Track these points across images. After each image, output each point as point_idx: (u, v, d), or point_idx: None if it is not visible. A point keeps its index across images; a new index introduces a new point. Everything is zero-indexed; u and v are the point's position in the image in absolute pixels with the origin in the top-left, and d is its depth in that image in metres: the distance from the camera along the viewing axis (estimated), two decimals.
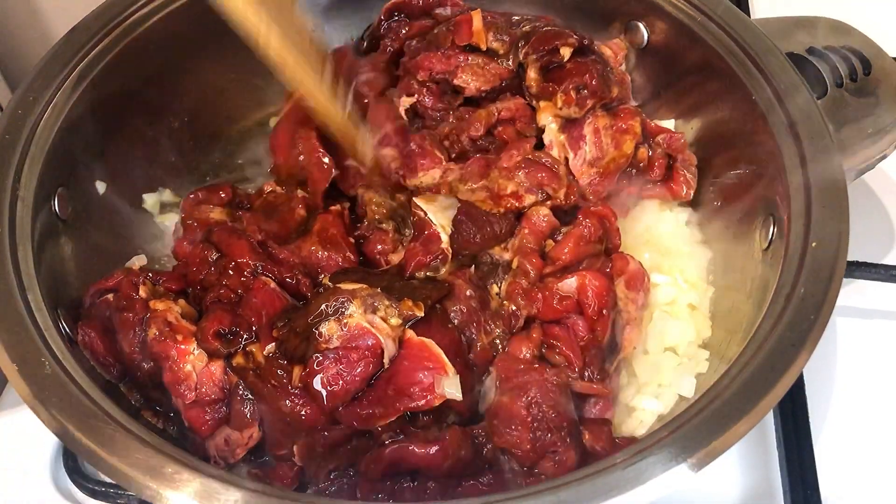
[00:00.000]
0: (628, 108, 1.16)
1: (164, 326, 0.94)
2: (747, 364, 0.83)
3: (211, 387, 0.92)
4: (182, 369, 0.92)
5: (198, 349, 0.93)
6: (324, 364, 0.89)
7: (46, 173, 1.01)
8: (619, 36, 1.27)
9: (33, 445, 1.07)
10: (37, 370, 0.84)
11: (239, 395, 0.93)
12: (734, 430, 0.78)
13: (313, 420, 0.92)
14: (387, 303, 0.93)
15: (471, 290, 1.01)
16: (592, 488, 0.75)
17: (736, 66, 1.08)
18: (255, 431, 0.93)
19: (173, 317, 0.95)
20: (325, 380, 0.89)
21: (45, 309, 0.90)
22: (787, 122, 1.01)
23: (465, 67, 1.17)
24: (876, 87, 1.12)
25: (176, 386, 0.92)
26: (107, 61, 1.11)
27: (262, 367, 0.94)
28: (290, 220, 1.10)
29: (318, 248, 1.05)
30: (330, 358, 0.90)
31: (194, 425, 0.93)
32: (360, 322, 0.91)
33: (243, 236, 1.04)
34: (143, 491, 0.75)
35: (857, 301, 1.20)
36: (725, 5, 1.13)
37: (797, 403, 1.06)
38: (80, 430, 0.79)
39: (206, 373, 0.92)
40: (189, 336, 0.94)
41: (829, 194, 0.94)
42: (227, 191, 1.16)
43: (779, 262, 0.93)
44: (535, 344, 0.98)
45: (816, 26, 1.19)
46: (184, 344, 0.93)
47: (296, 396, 0.92)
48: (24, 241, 0.95)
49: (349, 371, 0.89)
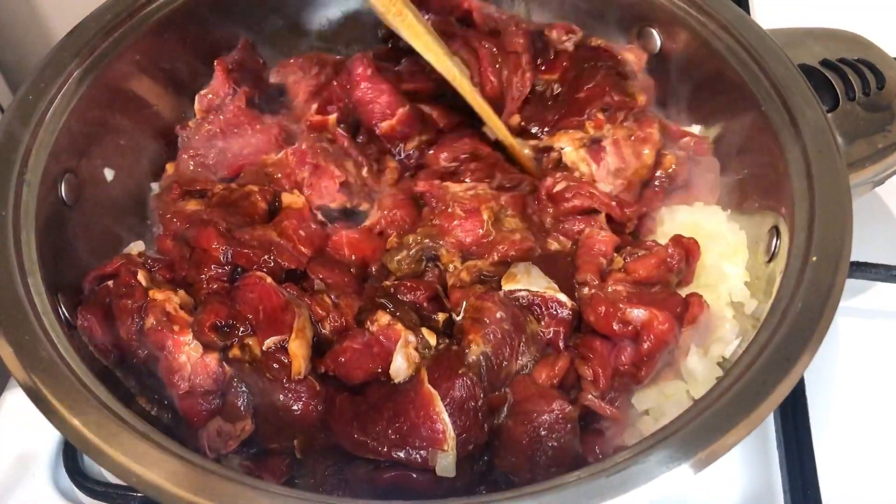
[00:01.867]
0: (647, 117, 1.15)
1: (161, 316, 0.94)
2: (743, 374, 0.82)
3: (205, 378, 0.92)
4: (177, 360, 0.92)
5: (193, 340, 0.93)
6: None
7: (54, 159, 1.02)
8: (634, 42, 1.26)
9: (33, 445, 1.07)
10: (33, 354, 0.84)
11: (233, 388, 0.93)
12: (734, 433, 0.77)
13: (305, 415, 0.92)
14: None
15: (501, 311, 0.96)
16: (592, 489, 0.74)
17: (746, 75, 1.07)
18: (247, 424, 0.94)
19: (172, 307, 0.95)
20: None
21: (44, 294, 0.91)
22: (795, 135, 1.00)
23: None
24: (889, 101, 1.12)
25: (170, 376, 0.92)
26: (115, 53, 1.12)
27: (259, 360, 0.94)
28: (254, 212, 1.09)
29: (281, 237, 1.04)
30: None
31: (187, 415, 0.93)
32: (398, 329, 0.94)
33: (209, 224, 1.03)
34: (130, 478, 0.76)
35: (859, 301, 1.20)
36: (738, 14, 1.13)
37: (797, 403, 1.05)
38: (73, 415, 0.80)
39: (200, 364, 0.92)
40: (186, 327, 0.94)
41: (834, 210, 0.93)
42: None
43: (780, 274, 0.92)
44: (556, 375, 0.95)
45: (831, 38, 1.19)
46: (180, 335, 0.93)
47: (289, 391, 0.92)
48: (28, 225, 0.95)
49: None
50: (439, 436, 0.87)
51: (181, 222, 1.07)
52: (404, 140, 1.21)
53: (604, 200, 1.09)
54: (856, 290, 1.20)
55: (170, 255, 1.05)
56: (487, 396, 0.91)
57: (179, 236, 1.05)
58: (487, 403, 0.91)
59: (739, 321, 1.01)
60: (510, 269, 1.03)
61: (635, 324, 0.96)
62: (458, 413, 0.88)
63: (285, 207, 1.11)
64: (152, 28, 1.16)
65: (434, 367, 0.92)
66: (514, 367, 0.95)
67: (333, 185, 1.14)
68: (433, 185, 1.14)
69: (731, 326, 0.99)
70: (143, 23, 1.15)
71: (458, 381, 0.89)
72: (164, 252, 1.07)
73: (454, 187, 1.13)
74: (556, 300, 0.98)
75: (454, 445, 0.87)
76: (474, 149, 1.21)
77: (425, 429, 0.87)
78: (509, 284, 1.00)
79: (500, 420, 0.92)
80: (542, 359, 0.97)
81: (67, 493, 1.05)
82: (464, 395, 0.89)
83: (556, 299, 0.98)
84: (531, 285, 0.99)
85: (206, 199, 1.12)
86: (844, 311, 1.18)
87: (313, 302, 0.99)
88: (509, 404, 0.92)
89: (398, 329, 0.94)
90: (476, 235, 1.07)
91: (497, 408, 0.93)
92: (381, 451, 0.88)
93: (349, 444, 0.90)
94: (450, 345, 0.96)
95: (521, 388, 0.93)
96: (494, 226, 1.08)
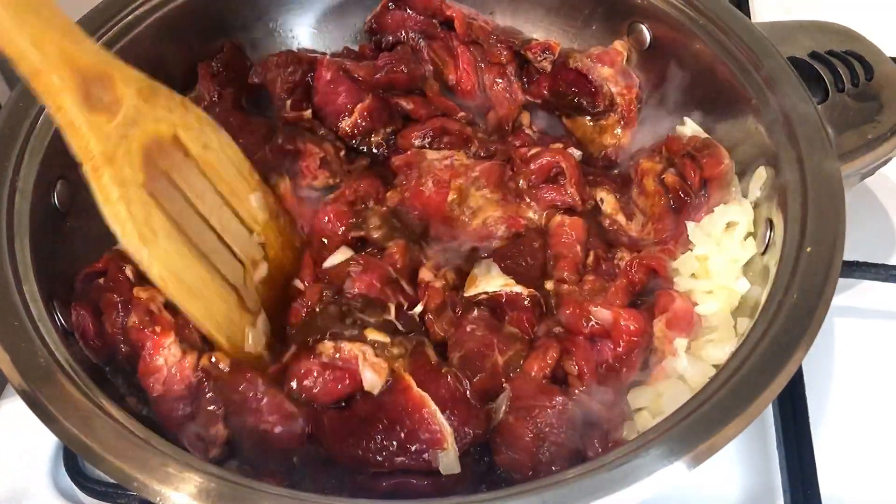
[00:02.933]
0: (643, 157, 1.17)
1: (144, 316, 0.92)
2: (739, 367, 0.83)
3: (178, 383, 0.91)
4: (153, 362, 0.91)
5: (173, 344, 0.92)
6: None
7: (46, 165, 1.01)
8: (623, 37, 1.26)
9: (33, 445, 1.07)
10: (29, 361, 0.84)
11: (204, 396, 0.92)
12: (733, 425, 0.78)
13: (284, 437, 0.92)
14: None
15: (471, 325, 1.00)
16: (593, 484, 0.75)
17: (736, 68, 1.08)
18: (220, 428, 0.93)
19: (155, 307, 0.94)
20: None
21: (39, 300, 0.90)
22: (785, 126, 1.01)
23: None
24: (878, 92, 1.12)
25: (146, 377, 0.91)
26: None
27: (226, 377, 0.93)
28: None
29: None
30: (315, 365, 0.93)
31: (161, 419, 0.93)
32: (352, 350, 0.93)
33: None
34: (131, 483, 0.76)
35: (857, 301, 1.20)
36: (727, 8, 1.13)
37: (797, 403, 1.05)
38: (72, 422, 0.80)
39: (178, 367, 0.91)
40: (168, 329, 0.92)
41: (826, 200, 0.93)
42: None
43: (774, 265, 0.92)
44: (549, 365, 0.97)
45: (819, 31, 1.18)
46: (160, 336, 0.92)
47: (264, 412, 0.91)
48: (22, 232, 0.95)
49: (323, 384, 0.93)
50: (437, 436, 0.87)
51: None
52: (368, 135, 1.23)
53: (571, 162, 1.13)
54: (856, 290, 1.20)
55: None
56: (474, 383, 0.93)
57: None
58: (477, 388, 0.93)
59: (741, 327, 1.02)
60: (472, 272, 1.06)
61: (604, 324, 0.99)
62: (451, 408, 0.89)
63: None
64: (143, 32, 1.16)
65: (415, 372, 0.93)
66: (499, 359, 0.97)
67: (314, 163, 1.16)
68: (411, 153, 1.18)
69: (731, 333, 0.99)
70: (133, 27, 1.14)
71: (442, 381, 0.91)
72: None
73: (431, 154, 1.17)
74: (513, 294, 1.02)
75: (453, 441, 0.88)
76: (444, 125, 1.23)
77: (423, 431, 0.87)
78: (471, 290, 1.04)
79: (500, 416, 0.92)
80: (531, 352, 0.99)
81: (67, 493, 1.04)
82: (450, 390, 0.91)
83: (512, 294, 1.02)
84: (489, 286, 1.03)
85: None
86: (843, 312, 1.18)
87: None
88: (511, 399, 0.92)
89: (347, 349, 0.94)
90: (441, 212, 1.12)
91: (487, 391, 0.94)
92: (384, 464, 0.88)
93: (350, 462, 0.90)
94: (421, 341, 0.98)
95: (520, 385, 0.94)
96: (459, 206, 1.12)
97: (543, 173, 1.14)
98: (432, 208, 1.13)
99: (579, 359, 0.98)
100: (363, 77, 1.21)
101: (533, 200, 1.14)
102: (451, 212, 1.13)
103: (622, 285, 1.03)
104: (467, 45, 1.26)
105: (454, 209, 1.13)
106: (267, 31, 1.33)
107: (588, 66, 1.20)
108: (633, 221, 1.14)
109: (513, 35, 1.26)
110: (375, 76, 1.21)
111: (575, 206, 1.13)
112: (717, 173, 1.08)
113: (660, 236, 1.10)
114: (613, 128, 1.23)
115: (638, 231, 1.13)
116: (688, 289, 1.03)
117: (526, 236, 1.12)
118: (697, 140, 1.12)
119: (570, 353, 0.98)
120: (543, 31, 1.33)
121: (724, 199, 1.08)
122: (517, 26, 1.32)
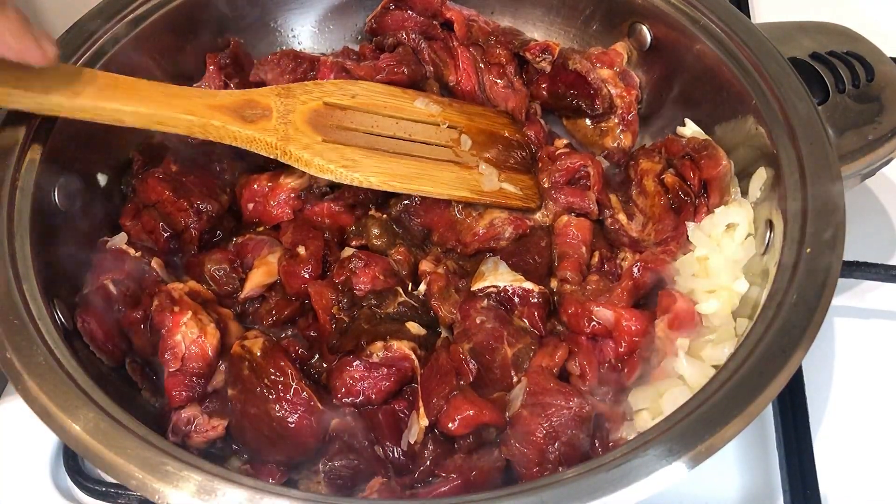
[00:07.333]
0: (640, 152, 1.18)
1: (166, 299, 0.98)
2: (739, 367, 0.83)
3: (197, 360, 0.95)
4: (172, 338, 0.95)
5: (191, 321, 0.95)
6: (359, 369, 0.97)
7: (47, 164, 1.02)
8: (624, 38, 1.27)
9: (33, 445, 1.07)
10: (29, 359, 0.84)
11: (226, 385, 0.95)
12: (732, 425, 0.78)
13: (300, 429, 0.93)
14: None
15: (481, 316, 1.01)
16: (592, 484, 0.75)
17: (737, 68, 1.08)
18: (221, 425, 0.95)
19: (178, 294, 0.98)
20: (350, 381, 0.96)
21: (39, 299, 0.90)
22: (786, 127, 1.01)
23: None
24: (879, 93, 1.12)
25: (163, 353, 0.95)
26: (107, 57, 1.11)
27: (258, 362, 0.94)
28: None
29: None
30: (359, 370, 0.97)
31: (168, 392, 0.95)
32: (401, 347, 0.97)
33: (150, 175, 1.12)
34: (129, 481, 0.76)
35: (857, 301, 1.20)
36: (727, 8, 1.13)
37: (797, 403, 1.05)
38: (72, 420, 0.80)
39: (196, 345, 0.95)
40: (186, 308, 0.96)
41: (826, 201, 0.94)
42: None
43: (774, 266, 0.92)
44: (556, 364, 0.97)
45: (820, 31, 1.18)
46: (179, 314, 0.96)
47: (287, 402, 0.93)
48: (23, 231, 0.95)
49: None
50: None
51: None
52: None
53: (598, 169, 1.14)
54: (856, 290, 1.20)
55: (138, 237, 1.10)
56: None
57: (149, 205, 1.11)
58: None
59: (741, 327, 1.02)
60: (479, 268, 1.08)
61: (606, 324, 0.99)
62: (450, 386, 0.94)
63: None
64: (145, 31, 1.16)
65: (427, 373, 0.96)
66: (508, 352, 0.98)
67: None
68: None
69: (731, 333, 0.99)
70: (135, 26, 1.15)
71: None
72: (134, 237, 1.09)
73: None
74: (523, 289, 1.03)
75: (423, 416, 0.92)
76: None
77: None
78: (478, 283, 1.05)
79: (515, 408, 0.92)
80: (540, 348, 0.99)
81: (67, 493, 1.04)
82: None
83: (522, 289, 1.03)
84: (498, 281, 1.04)
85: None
86: (842, 312, 1.18)
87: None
88: (527, 392, 0.93)
89: (396, 346, 0.97)
90: (446, 217, 1.14)
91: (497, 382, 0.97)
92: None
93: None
94: (437, 345, 1.01)
95: (537, 380, 0.94)
96: (465, 208, 1.14)
97: (569, 174, 1.14)
98: (438, 213, 1.13)
99: (582, 359, 0.98)
100: (364, 77, 1.21)
101: (550, 200, 1.14)
102: (456, 216, 1.14)
103: (628, 287, 1.03)
104: (467, 46, 1.27)
105: (460, 213, 1.14)
106: (268, 30, 1.33)
107: (587, 68, 1.20)
108: (634, 222, 1.14)
109: (513, 35, 1.27)
110: (376, 77, 1.21)
111: (591, 214, 1.13)
112: (716, 174, 1.08)
113: (660, 237, 1.10)
114: (614, 131, 1.23)
115: (638, 232, 1.13)
116: (689, 289, 1.03)
117: (532, 235, 1.12)
118: (696, 141, 1.12)
119: (573, 352, 0.99)
120: (543, 31, 1.34)
121: (724, 200, 1.08)
122: (517, 26, 1.33)
